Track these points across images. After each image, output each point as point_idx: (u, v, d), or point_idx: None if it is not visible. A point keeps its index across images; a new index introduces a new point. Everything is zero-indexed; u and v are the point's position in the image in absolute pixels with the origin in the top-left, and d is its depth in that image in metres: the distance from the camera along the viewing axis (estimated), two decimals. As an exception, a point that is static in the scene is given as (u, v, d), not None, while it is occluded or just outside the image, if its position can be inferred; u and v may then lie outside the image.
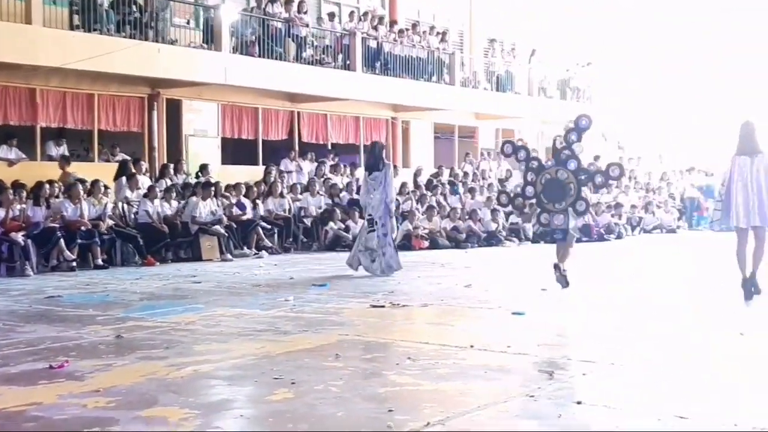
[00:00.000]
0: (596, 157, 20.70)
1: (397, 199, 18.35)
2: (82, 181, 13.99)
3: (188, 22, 18.69)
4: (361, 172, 20.64)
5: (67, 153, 16.34)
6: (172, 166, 16.73)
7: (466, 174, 22.22)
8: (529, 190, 9.92)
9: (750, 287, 8.69)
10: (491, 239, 17.80)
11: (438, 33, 23.78)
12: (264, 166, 18.60)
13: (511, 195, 11.36)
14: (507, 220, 19.12)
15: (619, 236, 19.68)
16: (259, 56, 18.31)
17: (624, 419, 4.25)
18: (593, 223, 19.06)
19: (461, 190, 20.49)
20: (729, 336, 6.69)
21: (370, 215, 11.94)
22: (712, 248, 16.88)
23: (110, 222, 13.85)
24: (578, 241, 18.32)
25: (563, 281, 9.56)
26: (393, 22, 22.99)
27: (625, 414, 4.36)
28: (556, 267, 9.61)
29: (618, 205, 21.70)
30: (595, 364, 5.53)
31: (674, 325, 7.29)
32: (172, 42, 17.20)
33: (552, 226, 9.72)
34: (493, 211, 18.53)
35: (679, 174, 26.16)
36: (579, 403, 4.53)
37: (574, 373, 5.27)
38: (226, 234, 15.02)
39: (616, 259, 13.38)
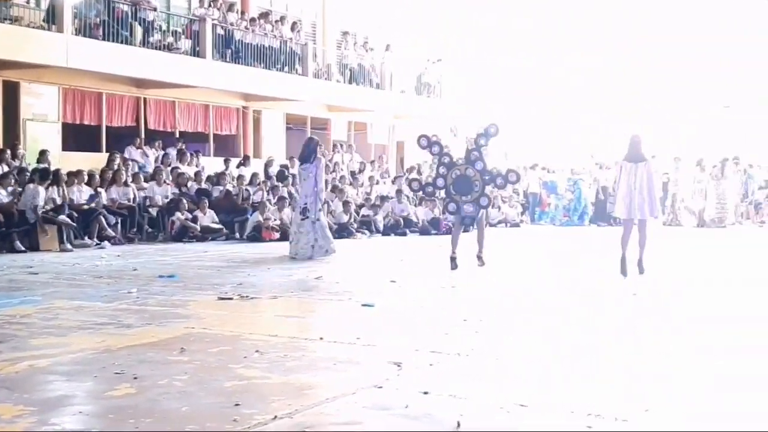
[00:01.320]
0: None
1: (247, 190, 18.23)
2: None
3: (28, 2, 17.82)
4: (205, 161, 20.39)
5: None
6: (8, 151, 15.91)
7: (317, 166, 22.17)
8: (440, 181, 11.50)
9: (626, 264, 10.27)
10: (342, 231, 17.84)
11: (289, 22, 23.63)
12: (108, 154, 17.98)
13: (423, 183, 12.87)
14: (358, 213, 19.25)
15: (466, 229, 20.07)
16: (104, 39, 17.67)
17: (468, 408, 4.34)
18: (441, 217, 19.42)
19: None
20: (578, 327, 6.94)
21: (304, 204, 12.51)
22: (555, 242, 17.61)
23: (-61, 209, 13.04)
24: (426, 233, 18.69)
25: (454, 265, 11.09)
26: (244, 12, 22.69)
27: (470, 403, 4.45)
28: (453, 259, 11.10)
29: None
30: (442, 354, 5.62)
31: (523, 316, 7.52)
32: (11, 20, 16.34)
33: (462, 213, 11.32)
34: (345, 204, 18.60)
35: (523, 170, 26.98)
36: (426, 393, 4.60)
37: (421, 364, 5.34)
38: (75, 224, 14.43)
39: (465, 252, 13.61)
